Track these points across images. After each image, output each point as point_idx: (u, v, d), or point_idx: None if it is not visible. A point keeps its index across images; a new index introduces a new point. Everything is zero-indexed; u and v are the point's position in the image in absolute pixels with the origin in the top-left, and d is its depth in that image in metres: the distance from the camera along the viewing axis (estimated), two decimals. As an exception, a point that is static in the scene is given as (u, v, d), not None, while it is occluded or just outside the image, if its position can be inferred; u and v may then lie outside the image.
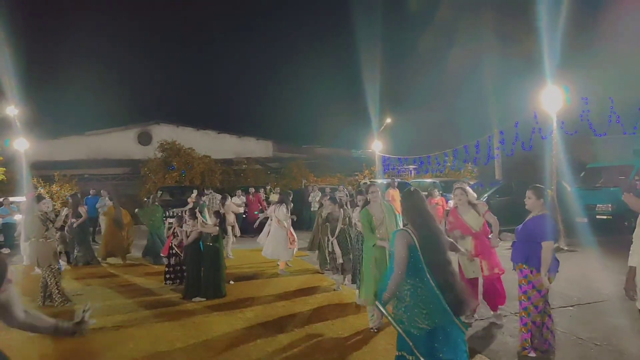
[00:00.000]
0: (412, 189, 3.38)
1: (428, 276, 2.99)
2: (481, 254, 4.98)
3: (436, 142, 20.60)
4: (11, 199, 12.99)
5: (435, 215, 10.93)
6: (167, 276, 7.45)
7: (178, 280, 7.30)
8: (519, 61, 16.00)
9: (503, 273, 5.07)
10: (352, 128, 26.32)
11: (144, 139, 26.16)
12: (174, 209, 13.82)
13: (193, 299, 6.46)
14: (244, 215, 14.96)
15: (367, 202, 5.32)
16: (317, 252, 7.64)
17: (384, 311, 3.14)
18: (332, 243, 7.02)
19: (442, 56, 17.64)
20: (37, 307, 6.41)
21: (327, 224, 7.19)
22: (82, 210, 9.80)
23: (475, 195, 10.75)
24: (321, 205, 7.80)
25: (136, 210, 10.80)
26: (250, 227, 12.04)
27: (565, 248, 9.33)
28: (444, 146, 19.12)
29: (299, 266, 8.84)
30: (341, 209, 7.13)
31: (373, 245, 4.93)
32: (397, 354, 3.17)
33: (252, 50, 59.64)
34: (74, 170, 21.07)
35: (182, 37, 55.11)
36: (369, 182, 15.19)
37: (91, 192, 14.98)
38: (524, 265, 4.12)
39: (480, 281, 5.16)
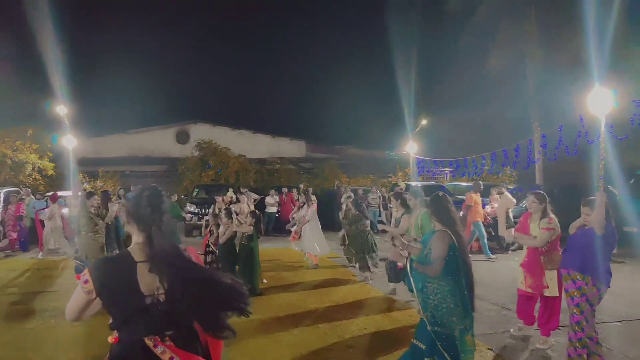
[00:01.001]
0: (440, 193, 3.60)
1: (462, 276, 3.19)
2: (527, 268, 4.73)
3: (473, 144, 20.12)
4: (59, 193, 13.65)
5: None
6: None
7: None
8: (563, 61, 15.38)
9: (536, 296, 4.71)
10: (386, 129, 26.08)
11: (182, 138, 26.87)
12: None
13: (228, 297, 6.57)
14: (277, 215, 15.12)
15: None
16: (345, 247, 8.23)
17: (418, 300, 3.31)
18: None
19: (481, 56, 17.15)
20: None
21: (345, 220, 8.03)
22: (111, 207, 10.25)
23: (514, 200, 10.49)
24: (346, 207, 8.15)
25: None
26: (283, 226, 12.15)
27: (613, 259, 8.90)
28: (482, 149, 18.63)
29: (330, 263, 8.88)
30: (358, 212, 7.77)
31: None
32: (413, 341, 3.31)
33: (287, 50, 60.20)
34: (116, 167, 21.91)
35: (220, 39, 56.29)
36: (404, 185, 15.01)
37: (132, 188, 15.53)
38: (579, 276, 3.92)
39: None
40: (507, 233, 4.92)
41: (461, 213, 10.10)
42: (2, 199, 12.72)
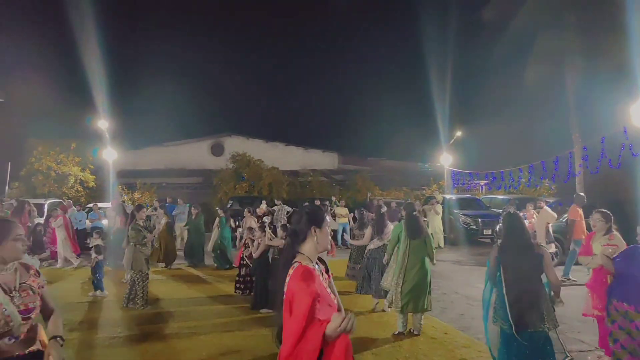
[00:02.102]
0: (512, 210, 4.65)
1: (503, 287, 3.70)
2: (591, 288, 4.53)
3: (510, 156, 19.53)
4: (99, 204, 14.20)
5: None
6: (238, 286, 7.68)
7: (248, 291, 7.50)
8: (605, 70, 14.79)
9: (596, 317, 4.49)
10: (420, 141, 25.70)
11: (217, 150, 27.44)
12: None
13: (261, 310, 6.60)
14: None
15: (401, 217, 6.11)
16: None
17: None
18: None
19: (519, 65, 16.72)
20: (120, 308, 6.90)
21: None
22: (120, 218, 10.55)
23: (554, 215, 10.10)
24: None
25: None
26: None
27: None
28: (519, 161, 18.07)
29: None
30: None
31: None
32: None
33: (319, 63, 60.77)
34: (153, 179, 22.58)
35: (254, 53, 57.52)
36: (441, 197, 14.73)
37: (168, 200, 15.97)
38: (625, 304, 3.73)
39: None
40: (583, 260, 4.57)
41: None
42: (45, 210, 13.30)
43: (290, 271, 2.14)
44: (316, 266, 2.20)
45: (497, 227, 12.20)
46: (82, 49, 16.63)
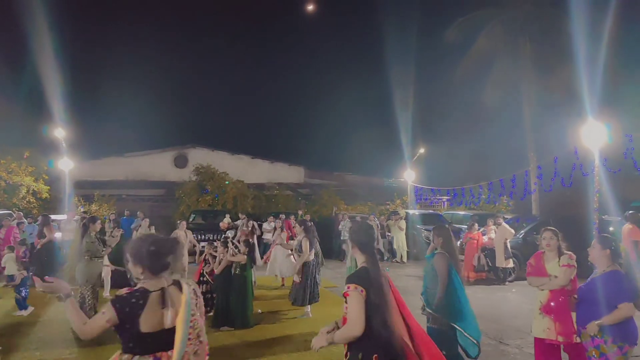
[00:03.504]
0: (446, 225, 4.94)
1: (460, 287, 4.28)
2: (554, 313, 4.13)
3: (470, 173, 20.21)
4: (53, 216, 13.54)
5: (470, 250, 10.56)
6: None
7: (208, 308, 7.28)
8: (557, 95, 15.71)
9: (563, 344, 4.18)
10: (384, 156, 26.23)
11: (180, 162, 26.88)
12: (207, 234, 14.01)
13: (221, 328, 6.44)
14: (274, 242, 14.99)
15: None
16: None
17: (431, 313, 4.35)
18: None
19: (478, 87, 17.50)
20: (69, 328, 6.55)
21: None
22: (47, 230, 10.10)
23: (512, 231, 10.46)
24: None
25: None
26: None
27: None
28: (479, 178, 18.72)
29: (326, 297, 8.72)
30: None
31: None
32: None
33: (286, 76, 61.12)
34: (112, 190, 21.81)
35: (219, 64, 57.23)
36: (404, 213, 14.98)
37: (126, 213, 15.44)
38: (597, 334, 3.58)
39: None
40: (536, 281, 4.28)
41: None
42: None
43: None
44: None
45: (459, 242, 12.51)
46: (39, 54, 15.98)
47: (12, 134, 19.17)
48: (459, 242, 12.61)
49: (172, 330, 2.32)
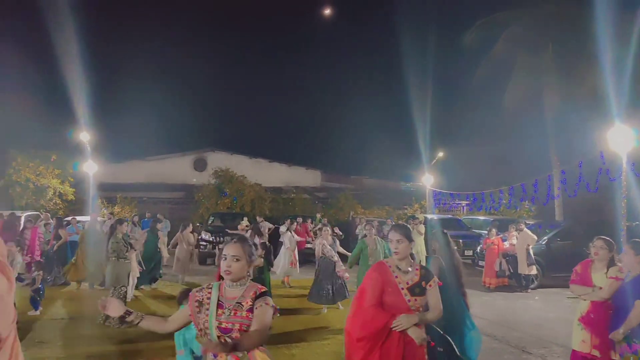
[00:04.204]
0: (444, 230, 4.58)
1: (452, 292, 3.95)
2: (592, 326, 3.94)
3: (491, 178, 19.90)
4: (78, 218, 13.85)
5: (491, 256, 10.34)
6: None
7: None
8: (582, 97, 15.32)
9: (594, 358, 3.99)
10: (403, 160, 25.99)
11: (200, 165, 27.20)
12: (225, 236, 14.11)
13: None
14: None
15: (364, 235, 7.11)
16: None
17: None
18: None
19: (498, 89, 17.20)
20: (96, 325, 6.67)
21: None
22: (62, 232, 10.31)
23: (534, 237, 10.25)
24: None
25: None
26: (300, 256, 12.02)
27: None
28: (500, 183, 18.42)
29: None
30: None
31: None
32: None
33: (304, 80, 61.37)
34: (134, 192, 22.21)
35: (238, 69, 57.77)
36: (422, 217, 14.81)
37: (147, 215, 15.72)
38: (635, 340, 3.49)
39: None
40: (579, 290, 4.03)
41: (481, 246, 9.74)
42: (22, 222, 12.92)
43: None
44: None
45: (479, 248, 12.31)
46: (65, 60, 16.40)
47: (40, 138, 19.77)
48: (478, 248, 12.44)
49: None
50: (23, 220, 13.16)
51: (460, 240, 14.43)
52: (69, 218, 14.10)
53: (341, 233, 13.22)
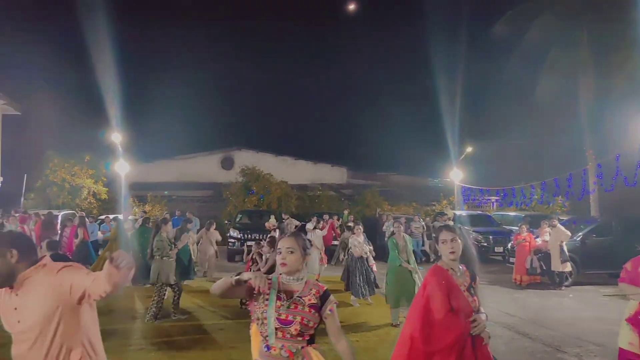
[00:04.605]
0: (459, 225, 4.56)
1: None
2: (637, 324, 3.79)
3: (522, 173, 19.34)
4: (111, 216, 14.30)
5: (522, 252, 10.11)
6: (244, 301, 7.59)
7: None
8: (619, 87, 14.67)
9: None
10: (430, 156, 25.54)
11: (227, 164, 27.57)
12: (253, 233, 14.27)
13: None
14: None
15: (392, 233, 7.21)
16: None
17: None
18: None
19: (532, 81, 16.62)
20: (147, 322, 6.84)
21: None
22: (81, 231, 10.52)
23: (568, 233, 9.91)
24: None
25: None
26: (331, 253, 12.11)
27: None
28: (531, 178, 17.87)
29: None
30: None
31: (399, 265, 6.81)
32: None
33: (329, 77, 61.28)
34: (163, 191, 22.74)
35: (263, 67, 58.19)
36: (452, 213, 14.60)
37: (177, 213, 16.06)
38: None
39: None
40: (628, 289, 3.68)
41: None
42: (59, 221, 13.45)
43: None
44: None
45: (509, 244, 12.01)
46: (97, 64, 16.94)
47: (74, 139, 20.51)
48: (509, 245, 12.13)
49: None
50: (60, 218, 13.72)
51: (490, 237, 14.13)
52: (103, 217, 14.60)
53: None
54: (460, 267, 2.95)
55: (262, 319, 2.25)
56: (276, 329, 2.22)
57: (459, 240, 2.89)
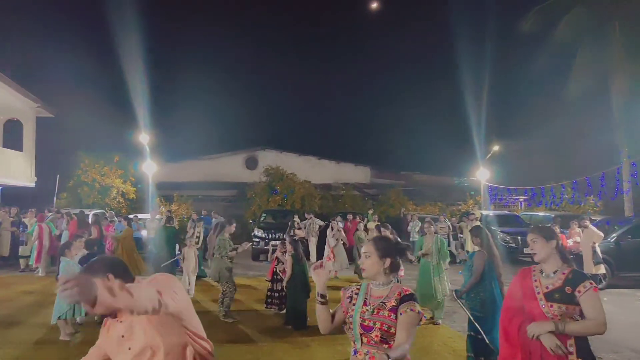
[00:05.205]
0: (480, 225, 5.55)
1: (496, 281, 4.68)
2: None
3: (551, 171, 18.82)
4: (139, 216, 14.63)
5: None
6: (269, 300, 7.63)
7: (283, 306, 7.36)
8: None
9: None
10: (455, 154, 25.15)
11: (251, 164, 27.85)
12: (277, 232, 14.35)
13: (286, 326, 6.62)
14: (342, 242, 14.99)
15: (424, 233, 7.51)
16: None
17: (459, 302, 4.72)
18: None
19: (562, 76, 16.13)
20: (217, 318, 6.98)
21: None
22: (94, 230, 10.58)
23: (601, 234, 9.59)
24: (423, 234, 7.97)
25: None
26: (348, 252, 12.00)
27: None
28: (561, 177, 17.36)
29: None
30: None
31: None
32: (468, 334, 4.64)
33: (351, 76, 61.07)
34: (189, 191, 23.12)
35: (287, 69, 58.50)
36: (479, 214, 14.34)
37: (203, 212, 16.31)
38: None
39: None
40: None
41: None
42: (90, 220, 13.83)
43: None
44: None
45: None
46: (125, 66, 17.40)
47: (104, 140, 21.10)
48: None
49: None
50: (91, 217, 14.13)
51: (519, 237, 13.79)
52: (131, 216, 14.95)
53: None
54: (557, 271, 2.75)
55: (348, 323, 2.30)
56: (360, 334, 2.24)
57: (541, 241, 2.82)
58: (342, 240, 11.31)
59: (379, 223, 13.11)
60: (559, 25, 15.77)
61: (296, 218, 14.40)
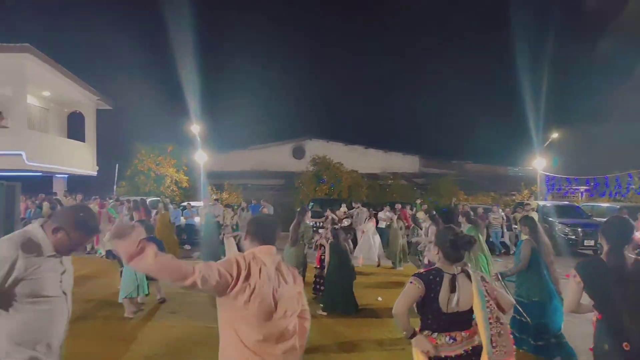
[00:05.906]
0: (529, 216, 5.45)
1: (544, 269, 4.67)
2: None
3: (616, 159, 17.56)
4: (192, 203, 15.18)
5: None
6: (316, 287, 7.67)
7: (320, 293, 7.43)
8: None
9: None
10: (509, 142, 24.12)
11: (298, 153, 28.11)
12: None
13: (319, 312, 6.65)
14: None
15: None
16: None
17: (502, 282, 4.79)
18: None
19: (628, 58, 14.99)
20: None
21: None
22: (136, 214, 10.78)
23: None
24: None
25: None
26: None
27: None
28: (627, 165, 16.16)
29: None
30: None
31: None
32: (512, 315, 4.70)
33: (400, 63, 59.84)
34: (239, 180, 23.73)
35: (333, 59, 58.26)
36: (536, 204, 13.68)
37: (252, 201, 16.69)
38: None
39: None
40: None
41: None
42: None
43: None
44: None
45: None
46: (178, 61, 18.05)
47: (159, 130, 22.06)
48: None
49: (464, 313, 2.55)
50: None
51: (579, 229, 13.02)
52: (185, 203, 15.55)
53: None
54: None
55: None
56: None
57: None
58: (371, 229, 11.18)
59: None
60: (627, 3, 14.58)
61: (343, 207, 14.34)
